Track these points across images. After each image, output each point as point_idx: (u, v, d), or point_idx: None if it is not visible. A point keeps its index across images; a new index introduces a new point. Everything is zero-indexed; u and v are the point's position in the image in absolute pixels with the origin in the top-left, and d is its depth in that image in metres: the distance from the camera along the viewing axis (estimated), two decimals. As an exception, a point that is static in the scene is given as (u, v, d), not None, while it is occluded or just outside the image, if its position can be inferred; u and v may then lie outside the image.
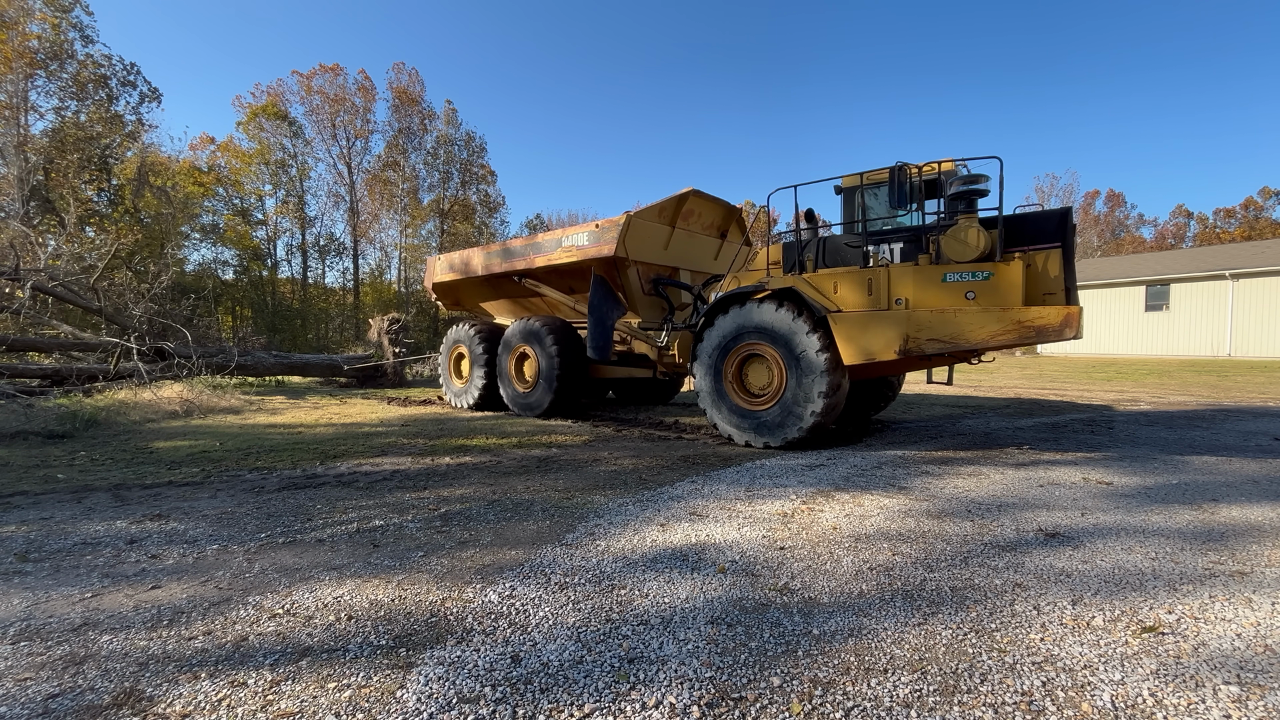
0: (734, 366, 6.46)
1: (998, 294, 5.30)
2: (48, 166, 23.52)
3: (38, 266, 12.53)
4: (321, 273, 39.20)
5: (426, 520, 3.73)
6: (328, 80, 35.98)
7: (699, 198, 8.37)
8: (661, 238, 8.20)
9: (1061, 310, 5.07)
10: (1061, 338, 5.13)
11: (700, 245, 8.84)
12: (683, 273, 8.64)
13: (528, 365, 8.90)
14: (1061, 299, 5.34)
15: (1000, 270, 5.30)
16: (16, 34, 22.44)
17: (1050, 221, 5.47)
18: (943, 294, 5.52)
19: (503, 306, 10.58)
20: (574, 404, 8.83)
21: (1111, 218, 54.66)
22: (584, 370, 8.59)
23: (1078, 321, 5.05)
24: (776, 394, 6.13)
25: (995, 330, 5.23)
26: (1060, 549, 3.17)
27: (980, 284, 5.37)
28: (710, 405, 6.59)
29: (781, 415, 6.04)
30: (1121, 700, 1.85)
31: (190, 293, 21.95)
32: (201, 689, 1.93)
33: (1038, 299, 5.38)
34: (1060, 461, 5.41)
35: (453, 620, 2.40)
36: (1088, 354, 26.32)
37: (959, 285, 5.44)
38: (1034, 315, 5.13)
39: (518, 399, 8.94)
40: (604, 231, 7.78)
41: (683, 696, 1.87)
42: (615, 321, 7.96)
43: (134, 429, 7.56)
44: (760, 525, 3.59)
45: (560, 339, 8.43)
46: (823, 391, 5.78)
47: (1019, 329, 5.16)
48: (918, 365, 6.64)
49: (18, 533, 3.51)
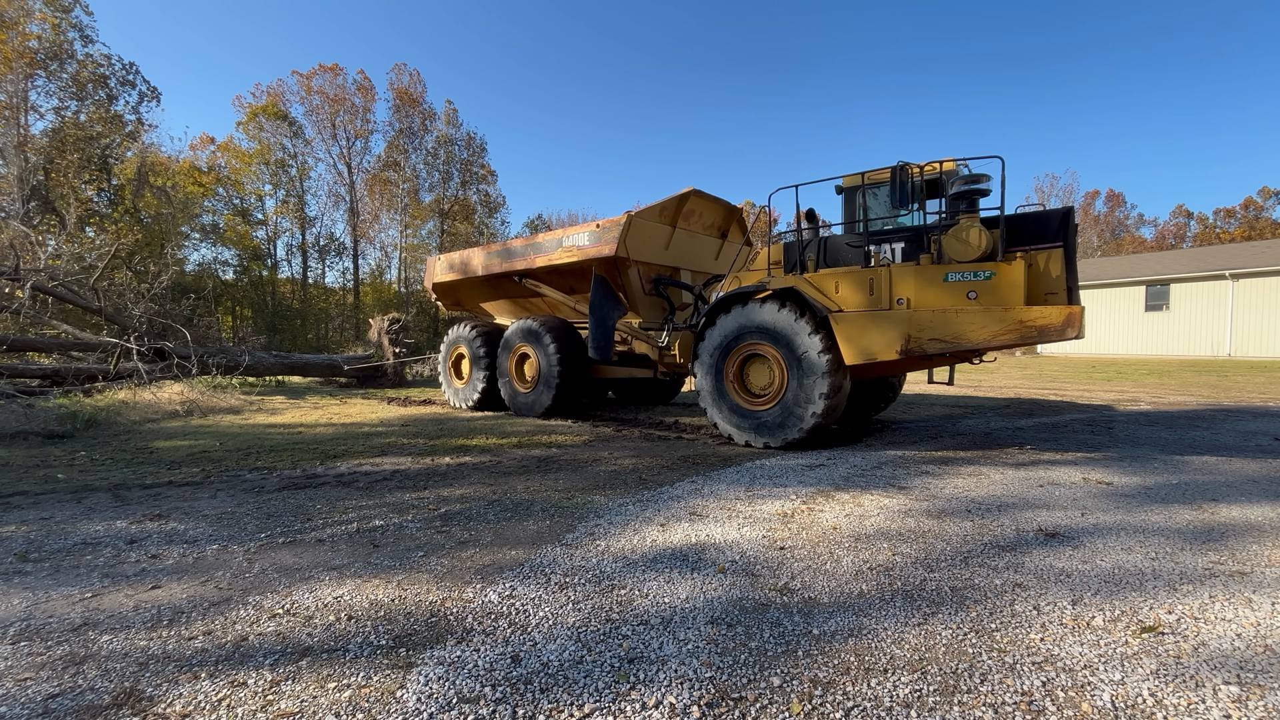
0: (735, 366, 6.46)
1: (999, 294, 5.29)
2: (48, 166, 23.52)
3: (38, 266, 12.52)
4: (321, 273, 39.22)
5: (426, 520, 3.73)
6: (328, 80, 35.99)
7: (700, 198, 8.36)
8: (662, 238, 8.20)
9: (1064, 310, 5.05)
10: (1064, 337, 5.12)
11: (701, 245, 8.84)
12: (684, 273, 8.64)
13: (528, 365, 8.91)
14: (1064, 298, 5.33)
15: (1002, 270, 5.29)
16: (16, 34, 22.44)
17: (1052, 221, 5.46)
18: (944, 294, 5.51)
19: (503, 307, 10.58)
20: (575, 404, 8.81)
21: (1111, 218, 54.66)
22: (584, 370, 8.59)
23: (1080, 321, 5.04)
24: (778, 394, 6.12)
25: (997, 330, 5.22)
26: (1060, 549, 3.17)
27: (982, 284, 5.36)
28: (711, 405, 6.58)
29: (782, 416, 6.03)
30: (1121, 700, 1.85)
31: (190, 293, 21.93)
32: (201, 689, 1.93)
33: (1040, 299, 5.37)
34: (1060, 461, 5.41)
35: (453, 620, 2.40)
36: (1088, 354, 26.32)
37: (961, 285, 5.43)
38: (1036, 315, 5.11)
39: (518, 399, 8.95)
40: (605, 231, 7.78)
41: (683, 696, 1.87)
42: (616, 321, 7.94)
43: (134, 429, 7.56)
44: (760, 525, 3.59)
45: (560, 339, 8.42)
46: (824, 393, 5.78)
47: (1021, 329, 5.14)
48: (919, 365, 6.63)
49: (18, 533, 3.51)
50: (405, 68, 37.67)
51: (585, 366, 8.56)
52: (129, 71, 26.76)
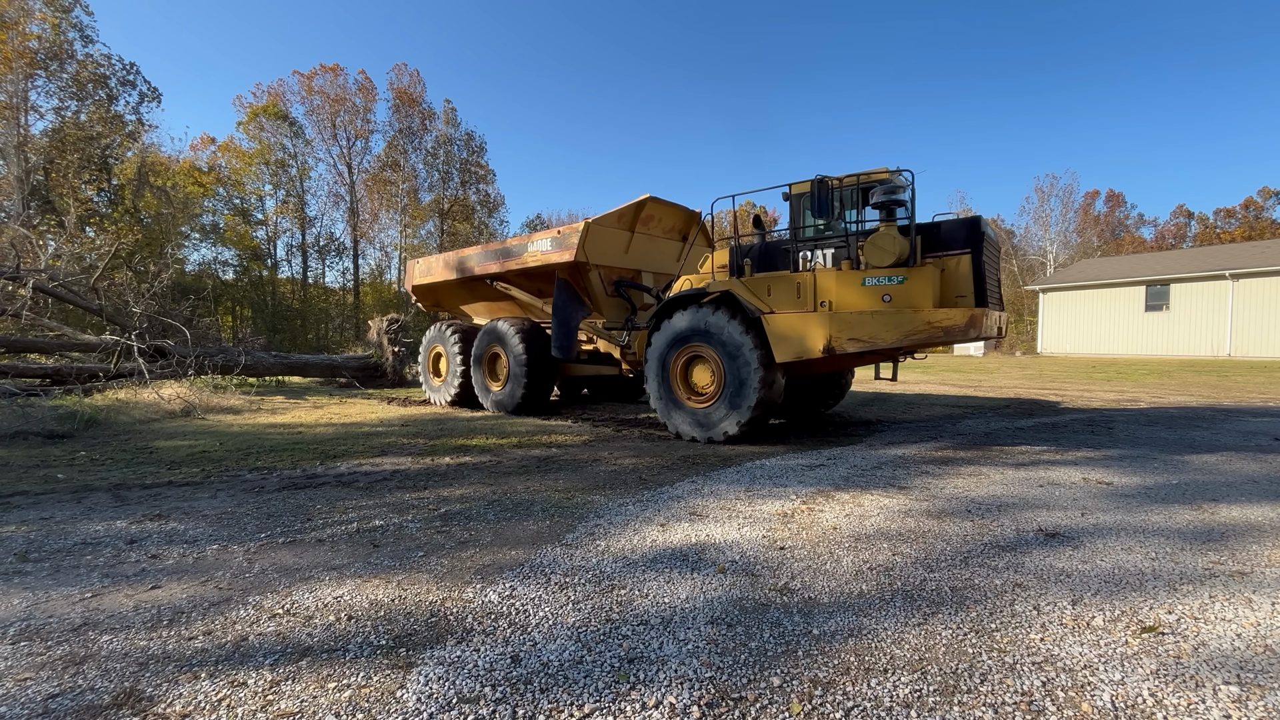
0: (680, 366, 6.80)
1: (911, 297, 5.67)
2: (48, 166, 23.53)
3: (38, 267, 12.53)
4: (321, 273, 39.25)
5: (426, 520, 3.73)
6: (328, 80, 36.01)
7: (657, 204, 8.68)
8: (621, 242, 8.53)
9: (967, 312, 5.45)
10: (967, 338, 5.57)
11: (662, 248, 9.16)
12: (646, 275, 9.00)
13: (499, 364, 9.32)
14: (971, 301, 5.73)
15: (913, 275, 5.68)
16: (16, 34, 22.44)
17: (961, 230, 5.91)
18: (862, 297, 5.86)
19: (480, 308, 10.96)
20: (542, 401, 9.18)
21: (1111, 218, 54.59)
22: (551, 368, 9.00)
23: (982, 322, 5.46)
24: (717, 392, 6.46)
25: (908, 330, 5.57)
26: (1060, 549, 3.17)
27: (895, 288, 5.74)
28: (657, 401, 6.93)
29: (721, 411, 6.37)
30: (1121, 700, 1.85)
31: (190, 293, 21.95)
32: (201, 689, 1.93)
33: (951, 301, 5.80)
34: (1060, 461, 5.41)
35: (453, 620, 2.40)
36: (1088, 354, 26.32)
37: (877, 289, 5.81)
38: (942, 316, 5.51)
39: (490, 396, 9.38)
40: (565, 238, 8.14)
41: (683, 696, 1.87)
42: (579, 322, 8.36)
43: (134, 429, 7.56)
44: (760, 525, 3.59)
45: (527, 339, 8.82)
46: (757, 388, 6.10)
47: (929, 329, 5.52)
48: (848, 363, 6.94)
49: (18, 533, 3.51)
50: (405, 68, 37.75)
51: (552, 365, 8.95)
52: (129, 72, 26.80)
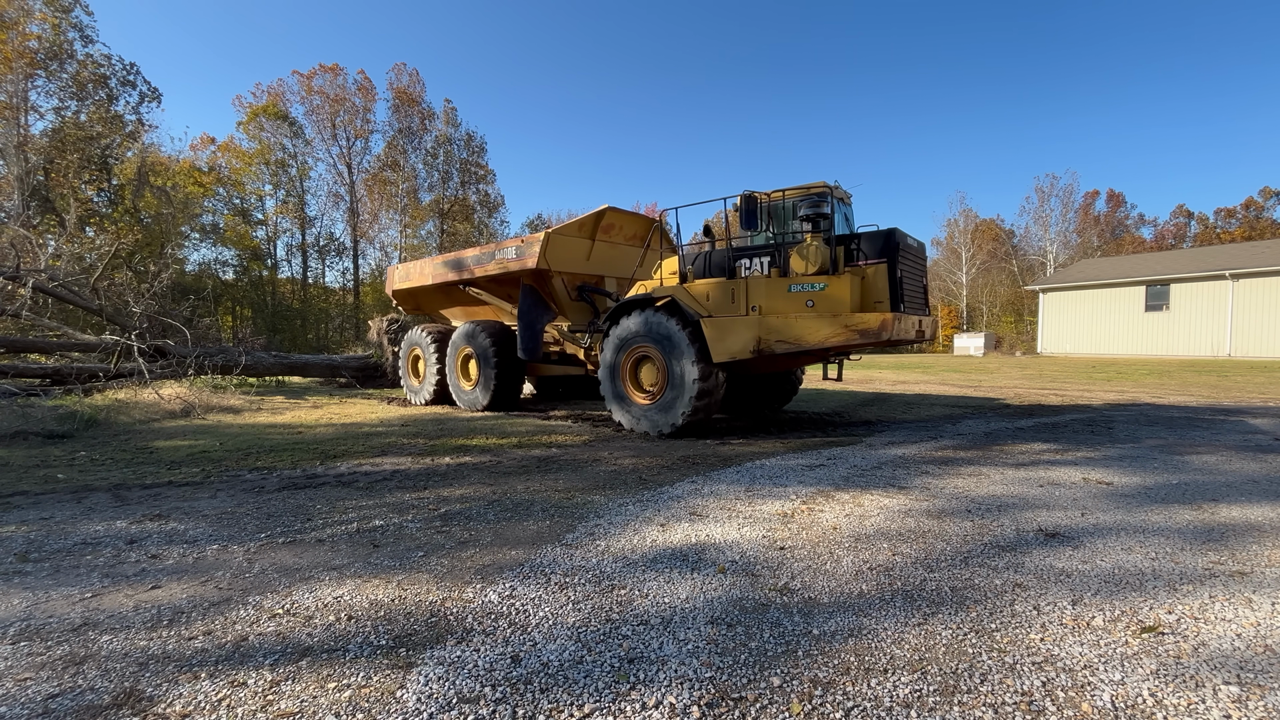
0: (629, 365, 7.23)
1: (831, 302, 6.15)
2: (48, 166, 23.53)
3: (38, 267, 12.52)
4: (321, 273, 39.25)
5: (426, 520, 3.73)
6: (328, 80, 36.01)
7: (616, 213, 9.10)
8: (583, 250, 8.94)
9: (880, 316, 5.98)
10: (879, 339, 6.03)
11: (623, 255, 9.47)
12: (610, 280, 9.36)
13: (471, 365, 9.70)
14: (886, 307, 6.21)
15: (833, 282, 6.16)
16: (16, 34, 22.44)
17: (879, 240, 6.39)
18: (788, 302, 6.32)
19: (457, 312, 11.31)
20: (511, 400, 9.60)
21: (1111, 218, 54.57)
22: (519, 369, 9.46)
23: (894, 326, 5.95)
24: (662, 389, 6.87)
25: (829, 333, 6.04)
26: (1060, 549, 3.16)
27: (817, 294, 6.21)
28: (610, 398, 7.33)
29: (664, 408, 6.78)
30: (1121, 700, 1.85)
31: (190, 293, 21.95)
32: (201, 689, 1.93)
33: (870, 306, 6.27)
34: (1060, 461, 5.41)
35: (453, 620, 2.40)
36: (1088, 354, 26.33)
37: (801, 295, 6.28)
38: (858, 320, 6.00)
39: (464, 395, 9.80)
40: (528, 246, 8.57)
41: (683, 696, 1.87)
42: (544, 325, 8.89)
43: (134, 429, 7.56)
44: (760, 525, 3.59)
45: (496, 341, 9.23)
46: (696, 381, 6.50)
47: (846, 332, 6.00)
48: (782, 364, 7.25)
49: (18, 533, 3.51)
50: (405, 67, 37.78)
51: (520, 366, 9.41)
52: (129, 72, 26.80)
